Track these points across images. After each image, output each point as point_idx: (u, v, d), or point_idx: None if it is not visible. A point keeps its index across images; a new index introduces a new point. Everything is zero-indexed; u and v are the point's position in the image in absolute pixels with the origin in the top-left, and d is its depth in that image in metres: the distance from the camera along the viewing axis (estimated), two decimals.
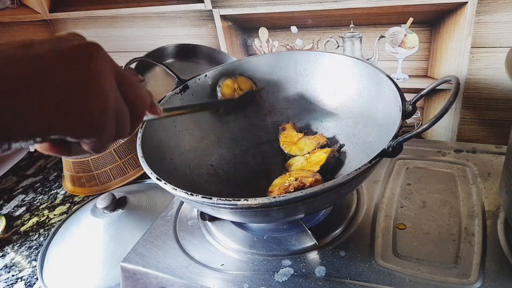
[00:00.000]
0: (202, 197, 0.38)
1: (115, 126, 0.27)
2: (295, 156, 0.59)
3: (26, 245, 0.76)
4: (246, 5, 0.76)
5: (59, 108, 0.23)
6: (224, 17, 0.80)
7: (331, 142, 0.59)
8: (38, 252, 0.72)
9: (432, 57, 0.70)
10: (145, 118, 0.34)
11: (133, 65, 0.65)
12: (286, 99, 0.65)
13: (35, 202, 0.88)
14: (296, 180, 0.50)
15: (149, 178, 0.68)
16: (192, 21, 0.84)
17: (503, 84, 0.67)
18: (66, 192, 0.88)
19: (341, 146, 0.57)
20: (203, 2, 0.80)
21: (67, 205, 0.85)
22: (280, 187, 0.50)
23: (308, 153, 0.58)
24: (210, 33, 0.84)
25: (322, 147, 0.57)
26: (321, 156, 0.55)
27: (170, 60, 0.74)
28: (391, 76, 0.50)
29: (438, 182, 0.58)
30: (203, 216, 0.57)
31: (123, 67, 0.56)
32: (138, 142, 0.48)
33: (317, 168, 0.53)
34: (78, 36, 0.27)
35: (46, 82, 0.23)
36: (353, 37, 0.73)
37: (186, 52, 0.76)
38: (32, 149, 0.27)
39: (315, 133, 0.62)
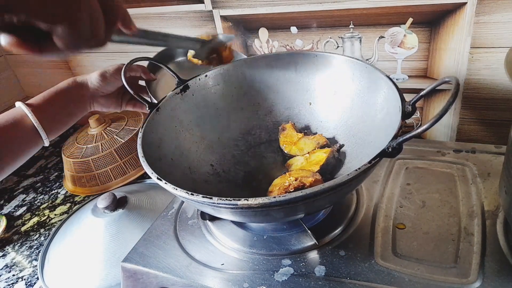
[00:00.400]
0: (203, 197, 0.38)
1: (90, 23, 0.26)
2: (295, 156, 0.59)
3: (26, 245, 0.76)
4: (246, 5, 0.76)
5: None
6: (224, 18, 0.80)
7: (331, 142, 0.59)
8: (39, 251, 0.73)
9: (431, 57, 0.70)
10: (117, 38, 0.33)
11: (145, 63, 0.65)
12: (286, 99, 0.65)
13: (35, 202, 0.88)
14: (296, 180, 0.50)
15: (149, 178, 0.68)
16: (192, 22, 0.84)
17: (502, 84, 0.67)
18: (66, 192, 0.89)
19: (341, 146, 0.57)
20: (203, 3, 0.80)
21: (68, 205, 0.85)
22: (280, 187, 0.51)
23: (308, 153, 0.58)
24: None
25: (322, 147, 0.58)
26: (321, 156, 0.55)
27: (180, 59, 0.74)
28: (390, 76, 0.50)
29: (437, 182, 0.58)
30: (204, 215, 0.58)
31: (124, 66, 0.56)
32: (139, 142, 0.48)
33: (317, 168, 0.53)
34: None
35: None
36: (352, 37, 0.73)
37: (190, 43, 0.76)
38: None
39: (315, 133, 0.62)
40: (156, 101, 0.61)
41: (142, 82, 0.68)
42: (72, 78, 0.62)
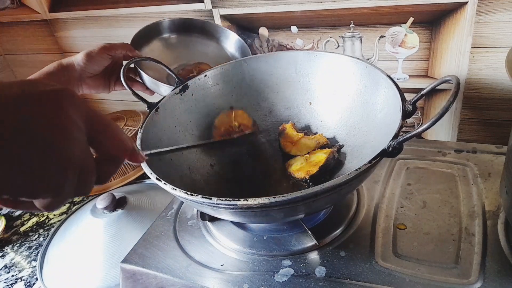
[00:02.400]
0: (202, 197, 0.38)
1: (76, 183, 0.24)
2: (295, 156, 0.59)
3: (26, 245, 0.75)
4: (246, 4, 0.76)
5: (14, 168, 0.21)
6: (224, 17, 0.80)
7: (331, 142, 0.59)
8: (38, 252, 0.72)
9: (432, 57, 0.69)
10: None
11: (129, 41, 0.65)
12: (286, 99, 0.65)
13: None
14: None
15: (148, 178, 0.68)
16: None
17: (503, 84, 0.66)
18: None
19: (341, 146, 0.57)
20: (203, 2, 0.80)
21: (67, 205, 0.85)
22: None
23: (308, 153, 0.58)
24: None
25: (323, 147, 0.57)
26: (321, 156, 0.54)
27: (166, 35, 0.74)
28: (391, 76, 0.50)
29: (438, 182, 0.58)
30: (203, 216, 0.57)
31: (122, 67, 0.56)
32: (138, 142, 0.48)
33: (317, 168, 0.53)
34: (52, 82, 0.24)
35: (2, 137, 0.20)
36: (353, 37, 0.73)
37: (182, 26, 0.76)
38: None
39: (315, 133, 0.62)
40: (145, 76, 0.61)
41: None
42: (57, 61, 0.61)
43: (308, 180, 0.53)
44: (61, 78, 0.60)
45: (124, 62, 0.65)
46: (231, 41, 0.77)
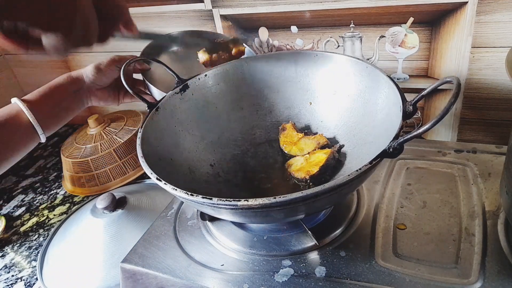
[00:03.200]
0: (202, 197, 0.38)
1: (82, 32, 0.27)
2: (295, 156, 0.59)
3: (25, 245, 0.75)
4: (246, 4, 0.76)
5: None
6: (224, 17, 0.80)
7: (331, 142, 0.59)
8: (38, 252, 0.72)
9: (432, 57, 0.69)
10: (119, 37, 0.34)
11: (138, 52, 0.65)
12: (286, 99, 0.65)
13: (34, 202, 0.88)
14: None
15: (149, 178, 0.68)
16: (192, 21, 0.84)
17: (503, 84, 0.67)
18: (65, 192, 0.88)
19: (341, 146, 0.57)
20: (203, 2, 0.80)
21: (67, 205, 0.85)
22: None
23: (308, 153, 0.58)
24: None
25: (323, 147, 0.57)
26: (321, 157, 0.54)
27: (176, 48, 0.74)
28: (391, 76, 0.50)
29: (438, 182, 0.58)
30: (203, 216, 0.57)
31: (122, 67, 0.56)
32: (138, 142, 0.48)
33: (317, 168, 0.53)
34: None
35: None
36: (353, 37, 0.73)
37: (191, 38, 0.76)
38: None
39: (315, 133, 0.62)
40: (153, 89, 0.61)
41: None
42: (67, 73, 0.62)
43: (308, 180, 0.53)
44: (69, 89, 0.61)
45: (134, 75, 0.66)
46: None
